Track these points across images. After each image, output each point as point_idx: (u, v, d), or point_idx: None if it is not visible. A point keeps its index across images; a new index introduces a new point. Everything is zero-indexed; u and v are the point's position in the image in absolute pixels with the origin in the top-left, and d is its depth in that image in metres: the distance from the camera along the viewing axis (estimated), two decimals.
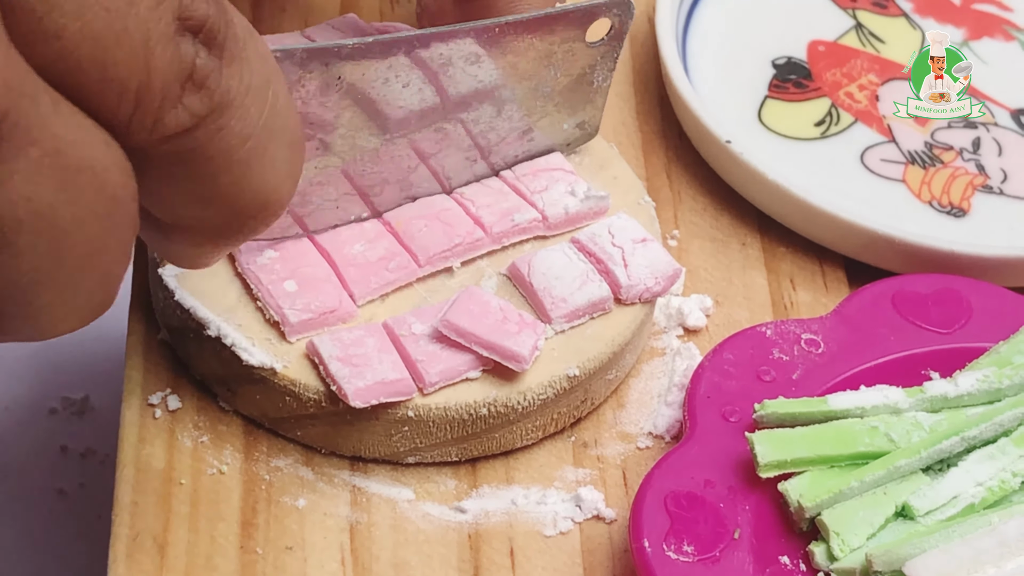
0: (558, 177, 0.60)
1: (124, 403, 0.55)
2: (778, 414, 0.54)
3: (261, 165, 0.42)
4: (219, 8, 0.40)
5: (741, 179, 0.65)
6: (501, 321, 0.54)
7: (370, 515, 0.54)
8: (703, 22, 0.71)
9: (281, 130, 0.42)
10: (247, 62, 0.41)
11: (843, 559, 0.52)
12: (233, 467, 0.55)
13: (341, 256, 0.56)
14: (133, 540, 0.52)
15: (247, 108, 0.41)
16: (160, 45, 0.38)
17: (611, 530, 0.55)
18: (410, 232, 0.57)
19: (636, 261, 0.57)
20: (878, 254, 0.63)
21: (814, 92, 0.69)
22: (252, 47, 0.41)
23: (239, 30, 0.41)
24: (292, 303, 0.54)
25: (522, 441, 0.56)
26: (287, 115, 0.43)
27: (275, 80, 0.42)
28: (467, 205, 0.58)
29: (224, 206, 0.42)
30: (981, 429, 0.54)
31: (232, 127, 0.41)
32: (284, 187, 0.43)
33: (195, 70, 0.39)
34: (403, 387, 0.53)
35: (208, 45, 0.40)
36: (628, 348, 0.57)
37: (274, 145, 0.42)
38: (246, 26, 0.42)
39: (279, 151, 0.42)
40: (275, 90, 0.42)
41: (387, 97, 0.54)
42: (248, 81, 0.41)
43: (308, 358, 0.54)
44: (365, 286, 0.56)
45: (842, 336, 0.58)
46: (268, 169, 0.42)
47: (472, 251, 0.57)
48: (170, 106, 0.39)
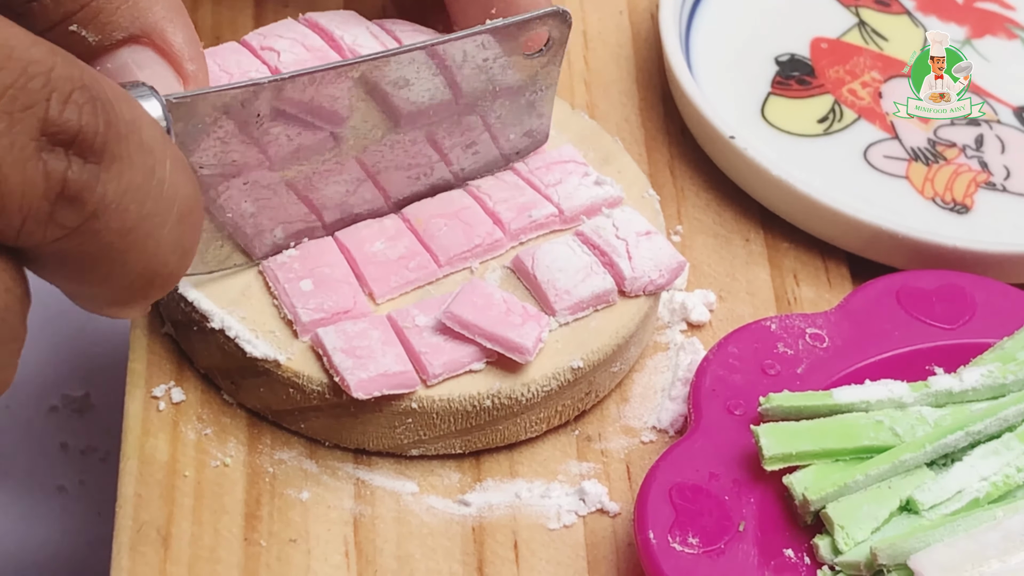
0: (571, 169, 0.60)
1: (128, 396, 0.55)
2: (783, 408, 0.54)
3: (144, 248, 0.41)
4: (96, 110, 0.39)
5: (744, 175, 0.65)
6: (505, 313, 0.54)
7: (374, 508, 0.54)
8: (706, 19, 0.71)
9: (166, 211, 0.42)
10: (128, 159, 0.40)
11: (847, 552, 0.52)
12: (237, 459, 0.55)
13: (361, 254, 0.56)
14: (137, 532, 0.52)
15: (125, 206, 0.40)
16: (16, 168, 0.38)
17: (615, 524, 0.55)
18: (430, 231, 0.57)
19: (640, 254, 0.57)
20: (881, 250, 0.63)
21: (817, 89, 0.69)
22: (135, 141, 0.40)
23: (123, 126, 0.40)
24: (306, 302, 0.54)
25: (526, 434, 0.56)
26: (174, 194, 0.42)
27: (160, 165, 0.41)
28: (484, 199, 0.58)
29: (109, 287, 0.42)
30: (985, 424, 0.54)
31: (110, 227, 0.40)
32: (171, 261, 0.43)
33: (66, 184, 0.39)
34: (406, 379, 0.53)
35: (83, 154, 0.39)
36: (632, 341, 0.57)
37: (158, 227, 0.42)
38: (132, 117, 0.41)
39: (165, 231, 0.42)
40: (160, 177, 0.41)
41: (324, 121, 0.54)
42: (128, 179, 0.40)
43: (312, 350, 0.54)
44: (385, 284, 0.56)
45: (847, 331, 0.58)
46: (152, 250, 0.42)
47: (492, 251, 0.57)
48: (38, 222, 0.39)
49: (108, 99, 0.40)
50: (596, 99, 0.68)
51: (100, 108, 0.39)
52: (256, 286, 0.56)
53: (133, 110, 0.41)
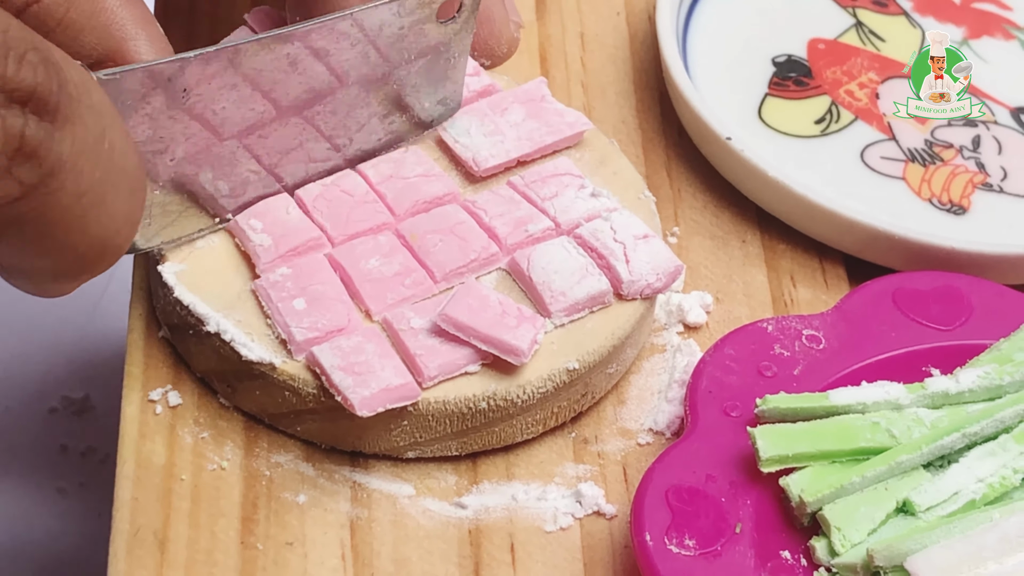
0: (567, 182, 0.59)
1: (124, 399, 0.55)
2: (780, 409, 0.54)
3: (97, 216, 0.42)
4: (49, 71, 0.40)
5: (741, 176, 0.65)
6: (500, 315, 0.54)
7: (370, 511, 0.54)
8: (703, 19, 0.71)
9: (118, 178, 0.42)
10: (81, 120, 0.40)
11: (844, 554, 0.52)
12: (233, 463, 0.55)
13: (357, 271, 0.56)
14: (134, 536, 0.52)
15: (80, 168, 0.41)
16: None
17: (611, 526, 0.55)
18: (425, 247, 0.57)
19: (638, 257, 0.57)
20: (878, 251, 0.63)
21: (814, 90, 0.69)
22: (87, 102, 0.41)
23: (73, 88, 0.40)
24: (299, 321, 0.54)
25: (522, 435, 0.56)
26: (124, 162, 0.42)
27: (111, 129, 0.42)
28: (479, 215, 0.58)
29: (61, 256, 0.42)
30: (982, 425, 0.54)
31: (66, 188, 0.40)
32: (123, 231, 0.43)
33: (24, 141, 0.39)
34: (408, 391, 0.53)
35: (39, 112, 0.39)
36: (628, 342, 0.57)
37: (111, 194, 0.42)
38: (81, 80, 0.41)
39: (116, 198, 0.42)
40: (111, 140, 0.42)
41: (236, 102, 0.54)
42: (82, 140, 0.40)
43: (310, 370, 0.54)
44: (381, 302, 0.55)
45: (843, 332, 0.58)
46: (105, 218, 0.42)
47: (487, 266, 0.57)
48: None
49: (59, 62, 0.40)
50: (593, 101, 0.68)
51: (53, 69, 0.40)
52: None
53: (82, 74, 0.42)
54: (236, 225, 0.57)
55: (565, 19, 0.71)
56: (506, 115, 0.61)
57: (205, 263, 0.56)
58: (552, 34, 0.70)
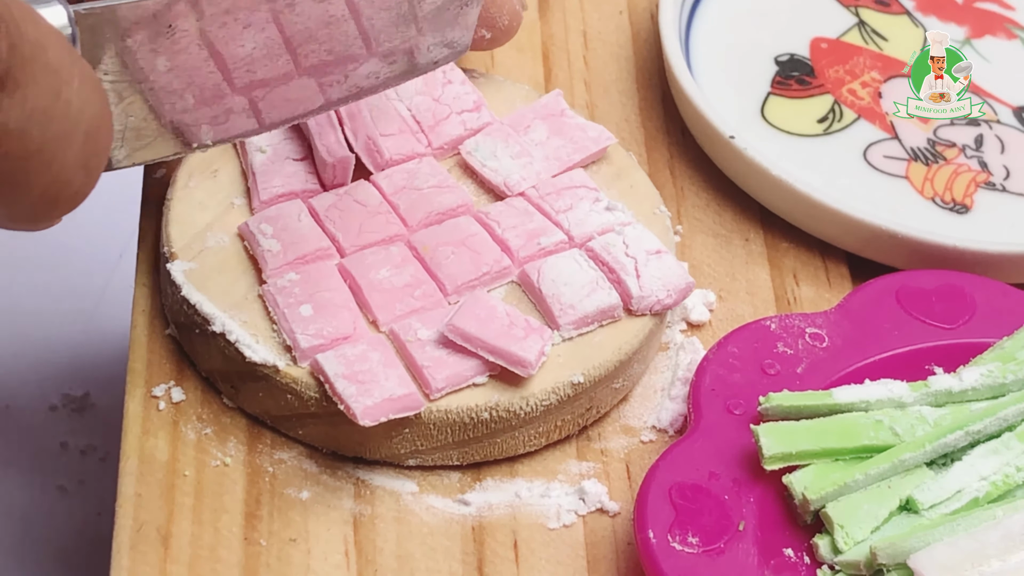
0: (582, 195, 0.59)
1: (127, 395, 0.55)
2: (783, 407, 0.54)
3: (47, 171, 0.41)
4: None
5: (744, 175, 0.65)
6: (508, 326, 0.54)
7: (374, 507, 0.54)
8: (706, 19, 0.71)
9: (71, 132, 0.41)
10: (34, 82, 0.40)
11: (847, 552, 0.52)
12: (237, 459, 0.55)
13: (367, 281, 0.56)
14: (137, 531, 0.52)
15: (28, 131, 0.40)
16: None
17: (615, 523, 0.55)
18: (437, 260, 0.57)
19: (649, 272, 0.57)
20: (881, 250, 0.63)
21: (817, 89, 0.69)
22: (41, 62, 0.40)
23: (28, 48, 0.39)
24: (305, 328, 0.54)
25: (525, 448, 0.56)
26: (81, 114, 0.41)
27: (67, 86, 0.41)
28: (492, 227, 0.58)
29: (13, 208, 0.42)
30: (985, 424, 0.54)
31: (11, 152, 0.40)
32: (76, 180, 0.42)
33: None
34: (411, 402, 0.53)
35: None
36: (636, 357, 0.57)
37: (63, 149, 0.41)
38: (37, 37, 0.40)
39: (69, 151, 0.41)
40: (66, 97, 0.41)
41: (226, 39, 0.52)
42: (33, 103, 0.40)
43: (313, 376, 0.54)
44: (390, 312, 0.55)
45: (846, 330, 0.58)
46: (55, 172, 0.41)
47: (499, 280, 0.57)
48: None
49: (14, 19, 0.39)
50: (596, 99, 0.68)
51: (4, 31, 0.39)
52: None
53: (39, 29, 0.40)
54: (246, 228, 0.57)
55: (568, 17, 0.71)
56: (529, 133, 0.61)
57: (214, 263, 0.56)
58: (555, 32, 0.70)
